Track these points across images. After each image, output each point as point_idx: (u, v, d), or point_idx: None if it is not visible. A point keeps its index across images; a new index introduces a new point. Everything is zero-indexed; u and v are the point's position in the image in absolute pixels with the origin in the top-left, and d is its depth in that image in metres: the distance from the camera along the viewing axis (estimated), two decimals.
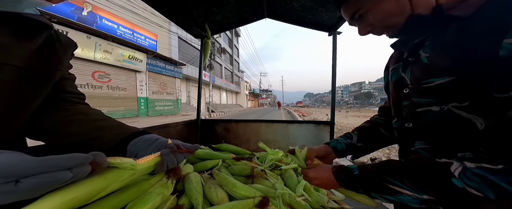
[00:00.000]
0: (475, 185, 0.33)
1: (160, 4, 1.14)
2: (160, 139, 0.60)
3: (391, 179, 0.42)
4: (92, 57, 8.82)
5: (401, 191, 0.40)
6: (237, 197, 0.65)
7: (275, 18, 1.44)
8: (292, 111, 24.41)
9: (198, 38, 1.59)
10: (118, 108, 10.00)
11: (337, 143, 0.74)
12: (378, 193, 0.44)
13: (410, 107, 0.52)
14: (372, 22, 0.52)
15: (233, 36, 36.65)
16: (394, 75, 0.59)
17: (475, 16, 0.39)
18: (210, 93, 17.73)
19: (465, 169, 0.34)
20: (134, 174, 0.46)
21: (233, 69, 36.86)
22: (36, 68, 0.52)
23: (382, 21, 0.50)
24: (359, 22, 0.54)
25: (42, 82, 0.56)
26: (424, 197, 0.38)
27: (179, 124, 1.42)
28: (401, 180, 0.41)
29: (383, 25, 0.51)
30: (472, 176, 0.33)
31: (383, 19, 0.50)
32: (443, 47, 0.44)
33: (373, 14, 0.50)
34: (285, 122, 1.58)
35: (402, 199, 0.41)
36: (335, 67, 1.44)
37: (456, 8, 0.42)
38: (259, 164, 0.93)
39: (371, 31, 0.54)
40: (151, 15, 10.85)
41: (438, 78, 0.43)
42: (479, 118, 0.38)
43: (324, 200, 0.71)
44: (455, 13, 0.42)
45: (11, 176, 0.28)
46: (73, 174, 0.33)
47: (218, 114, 17.68)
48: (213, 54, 19.49)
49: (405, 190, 0.40)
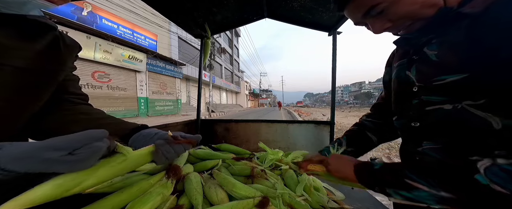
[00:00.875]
0: (500, 181, 0.31)
1: (160, 4, 1.14)
2: (159, 132, 0.60)
3: (410, 174, 0.41)
4: (92, 57, 8.83)
5: (417, 186, 0.39)
6: (237, 197, 0.65)
7: (275, 18, 1.43)
8: (292, 111, 24.43)
9: (198, 38, 1.59)
10: (118, 108, 10.00)
11: (328, 150, 0.75)
12: (395, 188, 0.43)
13: (419, 106, 0.50)
14: (392, 18, 0.47)
15: (233, 36, 36.66)
16: (399, 72, 0.56)
17: (490, 13, 0.37)
18: (210, 93, 17.74)
19: (493, 165, 0.33)
20: (125, 160, 0.45)
21: (233, 69, 36.86)
22: (38, 69, 0.53)
23: (407, 15, 0.45)
24: (376, 19, 0.48)
25: (45, 82, 0.57)
26: (441, 194, 0.37)
27: (179, 124, 1.42)
28: (420, 175, 0.40)
29: (408, 19, 0.46)
30: (499, 171, 0.32)
31: (408, 12, 0.44)
32: (454, 44, 0.42)
33: (397, 7, 0.44)
34: (285, 122, 1.58)
35: (418, 195, 0.39)
36: (335, 67, 1.44)
37: (467, 5, 0.40)
38: (259, 164, 0.93)
39: (390, 28, 0.49)
40: (151, 15, 10.86)
41: (451, 75, 0.41)
42: (495, 117, 0.36)
43: (324, 200, 0.71)
44: (466, 10, 0.40)
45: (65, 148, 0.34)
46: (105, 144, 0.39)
47: (218, 114, 17.69)
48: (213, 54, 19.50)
49: (422, 186, 0.39)
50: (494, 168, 0.33)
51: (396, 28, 0.49)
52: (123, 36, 10.39)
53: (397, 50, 0.63)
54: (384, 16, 0.47)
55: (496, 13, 0.36)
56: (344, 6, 0.51)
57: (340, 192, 0.81)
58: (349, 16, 0.53)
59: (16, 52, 0.48)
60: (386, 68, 0.67)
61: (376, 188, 0.47)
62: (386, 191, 0.44)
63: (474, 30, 0.39)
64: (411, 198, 0.41)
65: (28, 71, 0.51)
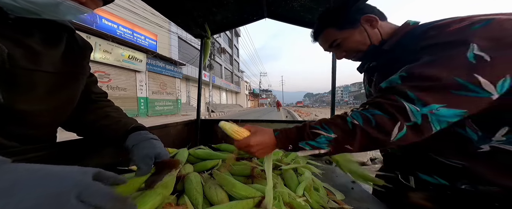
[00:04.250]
0: (355, 116, 0.52)
1: (160, 4, 1.14)
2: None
3: (315, 125, 0.56)
4: (92, 57, 8.79)
5: (319, 133, 0.54)
6: (237, 197, 0.65)
7: (275, 18, 1.43)
8: (291, 111, 24.43)
9: (198, 38, 1.59)
10: None
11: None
12: (304, 140, 0.55)
13: None
14: (345, 49, 0.75)
15: (233, 36, 36.65)
16: (367, 90, 0.84)
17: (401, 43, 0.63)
18: (210, 93, 17.74)
19: (352, 111, 0.54)
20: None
21: (233, 69, 36.86)
22: (65, 72, 0.59)
23: (353, 48, 0.73)
24: (336, 49, 0.77)
25: (73, 84, 0.63)
26: (331, 135, 0.53)
27: (179, 124, 1.42)
28: (320, 125, 0.55)
29: (353, 51, 0.74)
30: (356, 113, 0.53)
31: (353, 47, 0.73)
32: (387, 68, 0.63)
33: (347, 42, 0.72)
34: (285, 122, 1.58)
35: (319, 141, 0.54)
36: (335, 67, 1.44)
37: (385, 45, 0.67)
38: (259, 164, 0.93)
39: (345, 56, 0.77)
40: (151, 15, 10.84)
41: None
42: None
43: (324, 200, 0.71)
44: (385, 47, 0.66)
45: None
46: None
47: (218, 114, 17.68)
48: (213, 54, 19.50)
49: (322, 132, 0.54)
50: (354, 112, 0.54)
51: (349, 56, 0.77)
52: (123, 36, 10.37)
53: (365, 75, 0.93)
54: (341, 48, 0.75)
55: (404, 42, 0.61)
56: (317, 38, 0.80)
57: (340, 192, 0.81)
58: (321, 45, 0.81)
59: (46, 58, 0.53)
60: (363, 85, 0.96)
61: (290, 147, 0.58)
62: (299, 146, 0.56)
63: (394, 55, 0.64)
64: (315, 146, 0.54)
65: (56, 75, 0.56)
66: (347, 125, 0.52)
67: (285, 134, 0.58)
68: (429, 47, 0.51)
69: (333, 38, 0.74)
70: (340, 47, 0.74)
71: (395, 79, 0.52)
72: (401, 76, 0.51)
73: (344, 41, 0.72)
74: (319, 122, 0.57)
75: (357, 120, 0.51)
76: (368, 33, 0.69)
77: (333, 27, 0.73)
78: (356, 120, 0.51)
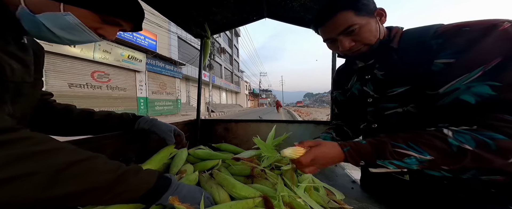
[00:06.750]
0: (464, 141, 0.45)
1: (160, 4, 1.14)
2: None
3: (400, 144, 0.50)
4: (91, 57, 8.80)
5: (408, 153, 0.49)
6: (237, 197, 0.65)
7: (275, 18, 1.43)
8: (292, 111, 24.43)
9: (198, 38, 1.58)
10: (117, 108, 9.96)
11: (326, 135, 0.88)
12: (387, 159, 0.50)
13: (376, 112, 0.71)
14: (356, 38, 0.65)
15: (233, 36, 36.63)
16: (358, 88, 0.79)
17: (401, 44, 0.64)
18: (209, 93, 17.74)
19: (456, 132, 0.47)
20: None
21: (233, 69, 36.84)
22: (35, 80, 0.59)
23: (366, 38, 0.64)
24: (347, 37, 0.65)
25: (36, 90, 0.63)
26: (427, 157, 0.47)
27: (179, 124, 1.42)
28: (406, 144, 0.49)
29: (363, 43, 0.65)
30: (464, 135, 0.46)
31: (366, 37, 0.64)
32: (393, 66, 0.65)
33: (363, 31, 0.63)
34: (285, 122, 1.58)
35: (408, 162, 0.49)
36: (335, 67, 1.44)
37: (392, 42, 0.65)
38: (259, 164, 0.93)
39: (352, 46, 0.66)
40: (150, 15, 10.80)
41: (398, 88, 0.63)
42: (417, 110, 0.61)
43: (324, 200, 0.71)
44: (392, 44, 0.65)
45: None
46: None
47: (218, 114, 17.68)
48: (213, 54, 19.49)
49: (413, 153, 0.48)
50: (456, 133, 0.47)
51: (355, 47, 0.66)
52: (122, 36, 10.34)
53: (335, 77, 0.97)
54: (353, 36, 0.64)
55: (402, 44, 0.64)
56: (326, 21, 0.66)
57: (340, 192, 0.81)
58: (327, 30, 0.67)
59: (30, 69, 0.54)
60: (337, 91, 0.95)
61: (361, 163, 0.54)
62: (377, 163, 0.52)
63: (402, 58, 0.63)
64: (401, 166, 0.50)
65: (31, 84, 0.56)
66: (449, 148, 0.46)
67: (357, 150, 0.55)
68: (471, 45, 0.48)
69: (350, 23, 0.62)
70: (354, 35, 0.64)
71: (485, 91, 0.46)
72: (493, 86, 0.45)
73: (361, 28, 0.63)
74: (403, 140, 0.51)
75: (467, 145, 0.44)
76: (379, 27, 0.65)
77: (352, 9, 0.62)
78: (466, 144, 0.45)
